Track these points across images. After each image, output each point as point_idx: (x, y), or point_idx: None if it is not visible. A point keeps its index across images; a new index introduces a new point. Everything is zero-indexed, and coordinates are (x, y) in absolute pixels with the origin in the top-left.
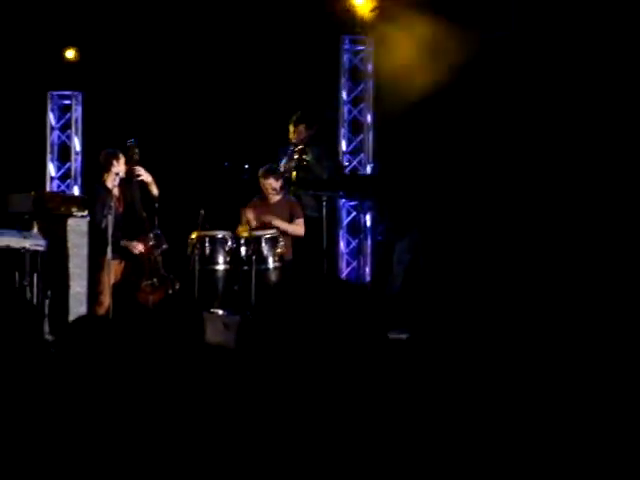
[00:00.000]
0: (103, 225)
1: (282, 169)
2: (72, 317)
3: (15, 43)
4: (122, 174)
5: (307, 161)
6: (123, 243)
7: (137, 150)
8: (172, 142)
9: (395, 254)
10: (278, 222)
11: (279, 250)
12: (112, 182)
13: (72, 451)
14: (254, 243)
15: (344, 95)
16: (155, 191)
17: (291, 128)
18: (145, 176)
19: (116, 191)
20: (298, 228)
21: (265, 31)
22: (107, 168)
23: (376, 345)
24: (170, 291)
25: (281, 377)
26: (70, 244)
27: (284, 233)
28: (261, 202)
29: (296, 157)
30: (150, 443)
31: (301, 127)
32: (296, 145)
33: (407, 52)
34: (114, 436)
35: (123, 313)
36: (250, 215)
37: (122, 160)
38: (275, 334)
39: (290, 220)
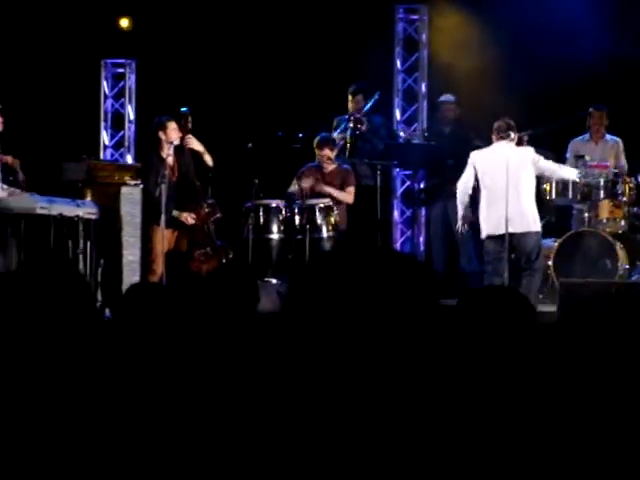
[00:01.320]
0: (156, 194)
1: (338, 138)
2: (125, 286)
3: (70, 11)
4: (176, 142)
5: (362, 131)
6: (175, 214)
7: (190, 119)
8: (226, 110)
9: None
10: (327, 188)
11: (333, 219)
12: (166, 150)
13: (124, 418)
14: (308, 212)
15: (398, 64)
16: (209, 161)
17: (350, 98)
18: (196, 145)
19: (170, 160)
20: (346, 195)
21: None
22: (164, 133)
23: (426, 316)
24: (223, 260)
25: (328, 346)
26: (123, 212)
27: (338, 202)
28: (315, 170)
29: (351, 126)
30: (204, 411)
31: (359, 97)
32: (353, 115)
33: (461, 23)
34: (167, 404)
35: (176, 282)
36: (305, 181)
37: (174, 128)
38: (324, 301)
39: (341, 188)
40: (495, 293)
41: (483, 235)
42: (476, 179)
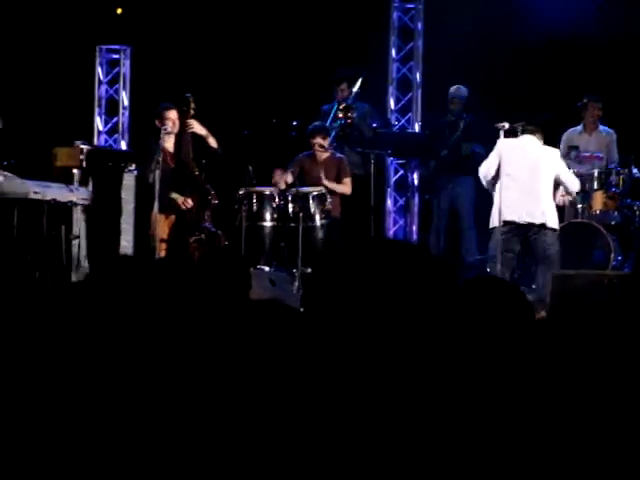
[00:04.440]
0: (150, 180)
1: (329, 127)
2: None
3: None
4: (175, 128)
5: (352, 118)
6: (174, 196)
7: (193, 104)
8: (221, 97)
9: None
10: (326, 182)
11: (326, 207)
12: (164, 137)
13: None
14: (301, 200)
15: (393, 53)
16: (214, 143)
17: (335, 86)
18: (198, 129)
19: (170, 146)
20: (345, 187)
21: None
22: (159, 120)
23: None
24: (217, 247)
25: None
26: (119, 199)
27: (332, 191)
28: (309, 159)
29: (341, 115)
30: (192, 397)
31: (343, 85)
32: (340, 103)
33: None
34: (155, 390)
35: (170, 267)
36: (292, 173)
37: (174, 113)
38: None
39: (337, 178)
40: (492, 285)
41: (495, 222)
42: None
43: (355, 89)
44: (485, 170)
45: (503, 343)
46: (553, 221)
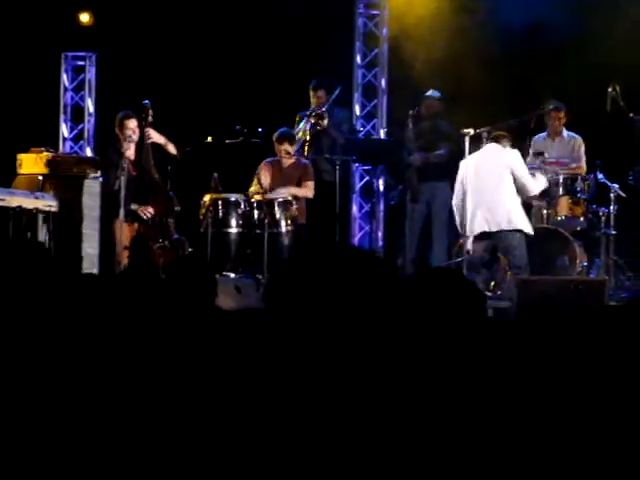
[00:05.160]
0: (115, 187)
1: (299, 133)
2: None
3: (30, 3)
4: (135, 136)
5: (323, 126)
6: (134, 207)
7: (151, 112)
8: (185, 104)
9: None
10: (284, 190)
11: (292, 214)
12: (125, 145)
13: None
14: (267, 206)
15: (358, 59)
16: (173, 150)
17: (311, 93)
18: (156, 137)
19: (131, 154)
20: (306, 190)
21: None
22: (120, 129)
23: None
24: (181, 254)
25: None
26: (82, 205)
27: (297, 197)
28: (272, 165)
29: (312, 121)
30: (162, 411)
31: (320, 92)
32: (314, 110)
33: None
34: (117, 404)
35: (134, 275)
36: (264, 176)
37: (134, 122)
38: (296, 296)
39: (298, 183)
40: (443, 276)
41: (468, 234)
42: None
43: (332, 97)
44: (456, 202)
45: (454, 332)
46: (517, 223)
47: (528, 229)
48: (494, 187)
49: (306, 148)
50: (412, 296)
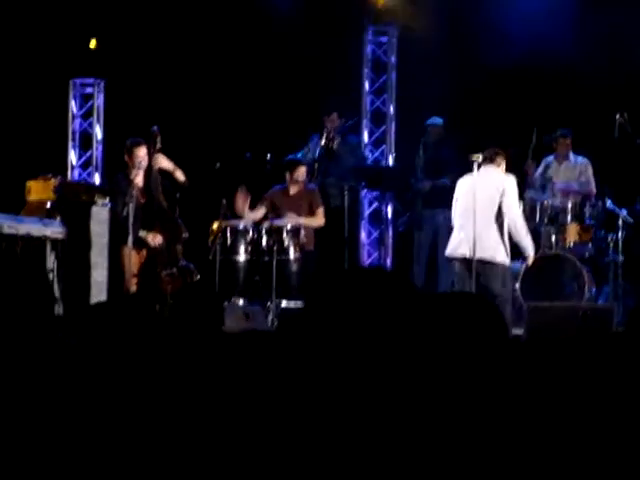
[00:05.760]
0: (124, 214)
1: (307, 155)
2: None
3: (39, 30)
4: (145, 163)
5: (333, 149)
6: (142, 234)
7: (159, 138)
8: (194, 131)
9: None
10: (295, 220)
11: (300, 241)
12: (134, 171)
13: (82, 440)
14: (275, 233)
15: (367, 86)
16: (181, 177)
17: (326, 117)
18: (165, 164)
19: (139, 180)
20: (317, 219)
21: (291, 20)
22: (129, 156)
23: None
24: (189, 281)
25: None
26: (91, 232)
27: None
28: (280, 193)
29: (323, 143)
30: (167, 433)
31: (334, 115)
32: (327, 133)
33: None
34: (126, 427)
35: (143, 302)
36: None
37: (144, 150)
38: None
39: (309, 210)
40: (461, 300)
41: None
42: None
43: (348, 123)
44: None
45: (475, 356)
46: (499, 255)
47: (505, 261)
48: (478, 212)
49: (314, 173)
50: (435, 318)
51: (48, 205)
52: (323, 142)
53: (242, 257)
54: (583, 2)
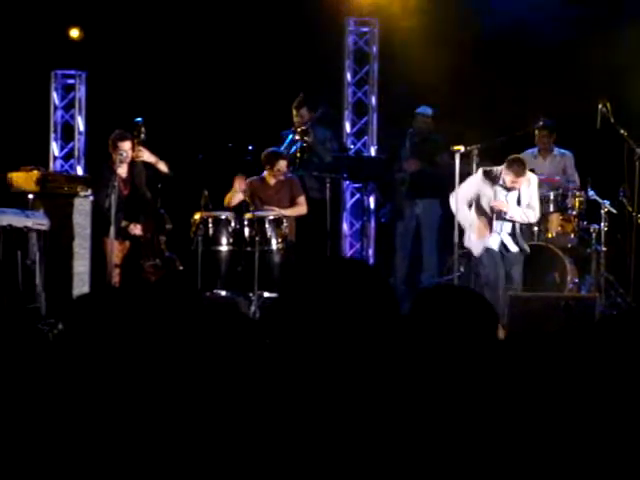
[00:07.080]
0: (106, 205)
1: (285, 151)
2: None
3: (20, 21)
4: (128, 156)
5: (308, 143)
6: (124, 224)
7: (143, 129)
8: (176, 122)
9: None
10: (278, 211)
11: (282, 231)
12: (118, 163)
13: (75, 434)
14: (258, 224)
15: (348, 77)
16: (164, 168)
17: (294, 112)
18: (147, 156)
19: (123, 172)
20: (300, 208)
21: (270, 12)
22: (113, 149)
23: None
24: (172, 271)
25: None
26: (73, 224)
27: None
28: (261, 183)
29: (298, 138)
30: (154, 427)
31: (303, 110)
32: (297, 128)
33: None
34: (117, 418)
35: (125, 293)
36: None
37: (129, 144)
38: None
39: (290, 199)
40: (453, 293)
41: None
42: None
43: (315, 116)
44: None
45: (464, 348)
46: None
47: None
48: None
49: (296, 164)
50: (423, 313)
51: (30, 197)
52: (297, 137)
53: (224, 248)
54: None
